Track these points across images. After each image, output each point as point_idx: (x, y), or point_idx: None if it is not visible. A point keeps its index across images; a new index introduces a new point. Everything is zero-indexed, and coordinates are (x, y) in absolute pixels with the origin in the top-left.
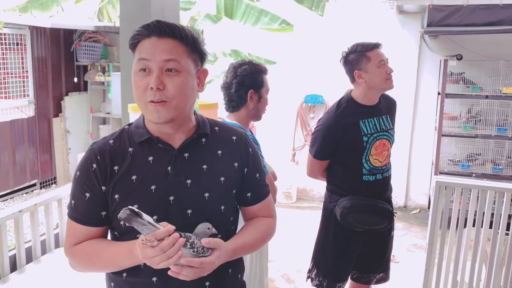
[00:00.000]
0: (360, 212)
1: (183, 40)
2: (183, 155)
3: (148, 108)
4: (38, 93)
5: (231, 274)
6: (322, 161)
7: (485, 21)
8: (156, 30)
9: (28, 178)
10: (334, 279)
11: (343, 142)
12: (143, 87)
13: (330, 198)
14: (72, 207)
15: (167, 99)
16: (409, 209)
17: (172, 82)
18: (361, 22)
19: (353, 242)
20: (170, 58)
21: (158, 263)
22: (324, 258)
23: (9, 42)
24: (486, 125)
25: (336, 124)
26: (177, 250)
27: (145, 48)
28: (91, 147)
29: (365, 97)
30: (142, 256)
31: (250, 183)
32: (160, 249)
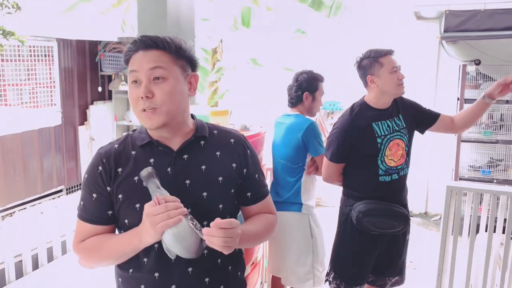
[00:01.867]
0: (376, 216)
1: (166, 49)
2: (183, 156)
3: (141, 116)
4: (64, 102)
5: (230, 271)
6: (338, 164)
7: (503, 26)
8: (141, 44)
9: (55, 184)
10: (350, 282)
11: (358, 145)
12: (135, 97)
13: (346, 202)
14: (81, 208)
15: (156, 106)
16: (429, 215)
17: (160, 89)
18: (379, 28)
19: (369, 246)
20: (155, 65)
21: (159, 222)
22: (341, 261)
23: (38, 54)
24: (507, 130)
25: (350, 127)
26: (178, 213)
27: (134, 61)
28: (98, 151)
29: (378, 101)
30: (146, 212)
31: (249, 184)
32: (165, 207)
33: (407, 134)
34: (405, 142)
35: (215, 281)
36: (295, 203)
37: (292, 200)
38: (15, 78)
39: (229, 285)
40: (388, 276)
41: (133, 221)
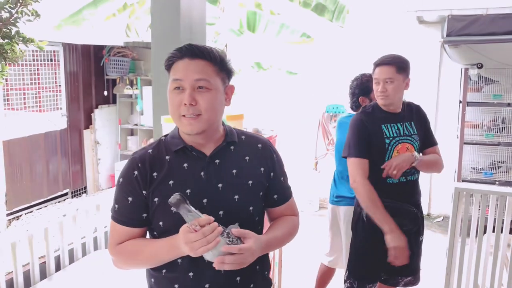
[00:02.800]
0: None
1: (212, 61)
2: (215, 161)
3: (182, 122)
4: (70, 106)
5: (258, 270)
6: (363, 159)
7: (505, 30)
8: (188, 52)
9: (61, 188)
10: (363, 279)
11: (369, 144)
12: (178, 103)
13: (357, 202)
14: (116, 211)
15: (199, 113)
16: (432, 217)
17: (203, 98)
18: (382, 32)
19: (381, 244)
20: (200, 77)
21: (198, 248)
22: (354, 260)
23: (43, 58)
24: (509, 132)
25: (362, 124)
26: (216, 236)
27: (179, 69)
28: (133, 156)
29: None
30: (184, 240)
31: (276, 186)
32: (202, 233)
33: (419, 141)
34: (415, 148)
35: (245, 280)
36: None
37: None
38: (19, 83)
39: (258, 283)
40: (401, 276)
41: (168, 223)
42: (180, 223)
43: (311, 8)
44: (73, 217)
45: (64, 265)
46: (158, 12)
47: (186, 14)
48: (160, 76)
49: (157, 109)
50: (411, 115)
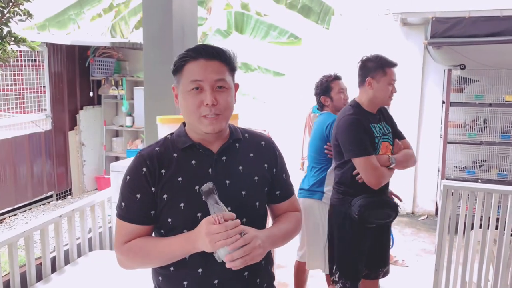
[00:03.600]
0: (375, 208)
1: (225, 61)
2: (222, 158)
3: (202, 122)
4: (54, 108)
5: (263, 265)
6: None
7: (486, 32)
8: (204, 53)
9: (45, 190)
10: (355, 279)
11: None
12: (197, 103)
13: (342, 201)
14: (123, 208)
15: (220, 112)
16: (416, 215)
17: (222, 97)
18: (366, 34)
19: (368, 240)
20: (220, 78)
21: (218, 240)
22: (346, 260)
23: (25, 59)
24: (491, 132)
25: (360, 123)
26: (236, 233)
27: (196, 70)
28: (140, 153)
29: (370, 104)
30: (206, 230)
31: (278, 182)
32: (224, 226)
33: (392, 139)
34: (391, 144)
35: (252, 275)
36: (318, 192)
37: (315, 188)
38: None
39: (263, 278)
40: (381, 267)
41: (176, 220)
42: (188, 220)
43: (297, 10)
44: (69, 218)
45: (60, 266)
46: (150, 13)
47: (178, 15)
48: (151, 76)
49: (149, 110)
50: (383, 115)
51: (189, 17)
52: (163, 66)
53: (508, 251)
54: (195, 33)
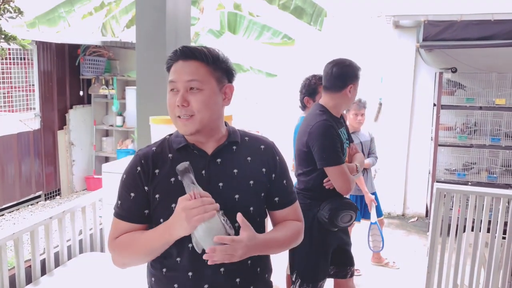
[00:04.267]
0: (343, 211)
1: (204, 61)
2: (216, 160)
3: (176, 123)
4: (43, 107)
5: (259, 272)
6: (344, 163)
7: (478, 36)
8: (181, 54)
9: (34, 190)
10: (316, 280)
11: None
12: (173, 104)
13: (310, 206)
14: (119, 206)
15: (192, 113)
16: (407, 217)
17: (195, 99)
18: (359, 36)
19: (332, 242)
20: (192, 78)
21: (195, 215)
22: (309, 265)
23: (14, 57)
24: (481, 135)
25: (334, 129)
26: (212, 208)
27: (174, 71)
28: (137, 153)
29: (339, 108)
30: (182, 206)
31: (277, 189)
32: (200, 201)
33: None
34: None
35: (245, 281)
36: None
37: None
38: None
39: (258, 286)
40: (348, 266)
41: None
42: None
43: (289, 11)
44: (59, 220)
45: (50, 268)
46: (143, 12)
47: (172, 15)
48: (144, 76)
49: (141, 110)
50: (343, 120)
51: (182, 16)
52: (156, 66)
53: (499, 253)
54: (188, 33)
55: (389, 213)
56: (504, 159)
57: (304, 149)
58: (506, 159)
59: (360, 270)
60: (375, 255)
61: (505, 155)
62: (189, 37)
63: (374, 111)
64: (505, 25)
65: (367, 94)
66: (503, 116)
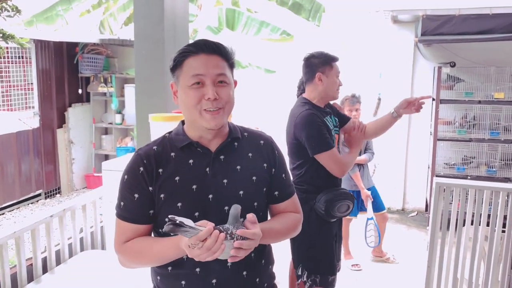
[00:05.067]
0: (339, 201)
1: (226, 57)
2: (220, 157)
3: (204, 117)
4: (42, 105)
5: (263, 264)
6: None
7: (476, 30)
8: (204, 48)
9: (34, 188)
10: (326, 272)
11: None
12: (198, 98)
13: (306, 199)
14: (122, 208)
15: (222, 106)
16: (406, 212)
17: (223, 91)
18: (358, 32)
19: (331, 233)
20: (221, 72)
21: (206, 258)
22: (312, 257)
23: (12, 56)
24: (480, 129)
25: (318, 118)
26: (220, 245)
27: (197, 64)
28: (137, 153)
29: (321, 98)
30: (191, 255)
31: (277, 182)
32: (206, 249)
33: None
34: (339, 138)
35: (251, 274)
36: None
37: None
38: None
39: (263, 277)
40: (338, 261)
41: None
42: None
43: (288, 7)
44: (60, 218)
45: (51, 266)
46: (141, 9)
47: (170, 12)
48: (143, 74)
49: (140, 107)
50: (331, 108)
51: (180, 13)
52: (154, 63)
53: (499, 247)
54: (186, 30)
55: (389, 208)
56: (503, 152)
57: (293, 141)
58: (505, 153)
59: (360, 264)
60: (376, 249)
61: (504, 149)
62: (188, 34)
63: (373, 106)
64: (503, 18)
65: (366, 89)
66: (502, 110)
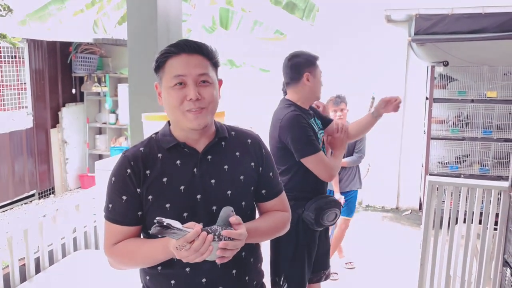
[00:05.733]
0: (328, 209)
1: (208, 56)
2: (207, 157)
3: (187, 117)
4: (36, 105)
5: (252, 263)
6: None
7: (469, 29)
8: (186, 48)
9: (27, 189)
10: (303, 284)
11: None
12: (180, 98)
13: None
14: (110, 210)
15: (204, 106)
16: (400, 210)
17: (206, 91)
18: (351, 31)
19: (315, 244)
20: (203, 72)
21: (194, 260)
22: (295, 268)
23: (4, 55)
24: (473, 127)
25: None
26: (207, 246)
27: (179, 65)
28: (124, 154)
29: (306, 100)
30: (179, 257)
31: (264, 181)
32: (193, 250)
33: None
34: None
35: (240, 272)
36: None
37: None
38: None
39: (252, 275)
40: (323, 270)
41: None
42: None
43: (282, 6)
44: (53, 217)
45: (44, 266)
46: (134, 9)
47: (163, 12)
48: (136, 73)
49: (134, 107)
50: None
51: (174, 13)
52: (148, 63)
53: (491, 244)
54: (179, 29)
55: (383, 207)
56: (496, 151)
57: (278, 144)
58: (498, 151)
59: (354, 262)
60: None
61: (496, 147)
62: (181, 34)
63: (367, 105)
64: (496, 18)
65: (359, 88)
66: (494, 108)
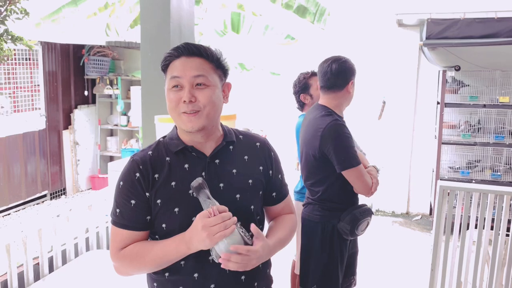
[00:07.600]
0: (364, 219)
1: (208, 58)
2: (215, 161)
3: (182, 119)
4: (48, 107)
5: (261, 269)
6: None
7: (481, 34)
8: (185, 51)
9: (39, 189)
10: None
11: None
12: (176, 100)
13: (329, 217)
14: (118, 215)
15: (199, 109)
16: (411, 215)
17: (202, 94)
18: (362, 35)
19: (347, 251)
20: (198, 74)
21: (216, 232)
22: (327, 276)
23: (19, 58)
24: (485, 133)
25: (343, 127)
26: (232, 223)
27: (176, 67)
28: (132, 158)
29: (342, 108)
30: (203, 224)
31: (274, 184)
32: (221, 217)
33: None
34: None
35: (249, 278)
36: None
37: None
38: None
39: (261, 281)
40: (353, 275)
41: (170, 225)
42: (183, 225)
43: (293, 10)
44: (67, 217)
45: (57, 266)
46: (148, 12)
47: (176, 15)
48: (149, 76)
49: (146, 109)
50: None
51: (186, 16)
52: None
53: (503, 251)
54: (192, 33)
55: (393, 211)
56: (508, 157)
57: (317, 154)
58: (510, 157)
59: (401, 260)
60: None
61: (509, 153)
62: (193, 37)
63: (378, 109)
64: (508, 22)
65: (370, 93)
66: (507, 114)
